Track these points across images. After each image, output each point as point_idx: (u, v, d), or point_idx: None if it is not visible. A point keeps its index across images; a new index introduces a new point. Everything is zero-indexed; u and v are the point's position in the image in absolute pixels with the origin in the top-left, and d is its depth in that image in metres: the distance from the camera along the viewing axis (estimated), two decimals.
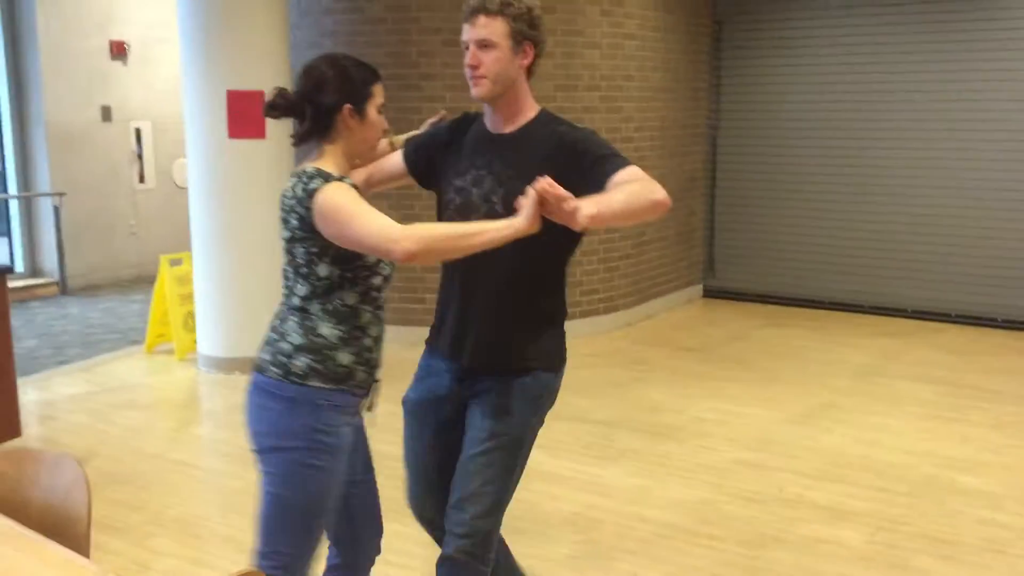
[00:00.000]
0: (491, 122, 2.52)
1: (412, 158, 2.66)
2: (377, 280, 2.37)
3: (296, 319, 2.34)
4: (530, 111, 2.50)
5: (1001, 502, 4.08)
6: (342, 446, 2.37)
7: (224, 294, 6.03)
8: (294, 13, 6.76)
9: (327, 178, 2.25)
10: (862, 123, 7.59)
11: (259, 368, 2.37)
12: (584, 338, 6.90)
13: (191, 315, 6.36)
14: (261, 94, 5.88)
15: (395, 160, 2.68)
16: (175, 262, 6.58)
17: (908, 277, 7.55)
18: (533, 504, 4.06)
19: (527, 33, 2.40)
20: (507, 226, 2.12)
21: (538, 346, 2.55)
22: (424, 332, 2.76)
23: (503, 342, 2.53)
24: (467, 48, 2.41)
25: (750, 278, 8.30)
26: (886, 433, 4.95)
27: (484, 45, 2.38)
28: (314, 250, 2.28)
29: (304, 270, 2.31)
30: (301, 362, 2.31)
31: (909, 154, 7.44)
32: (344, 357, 2.35)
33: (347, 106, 2.31)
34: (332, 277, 2.31)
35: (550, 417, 2.59)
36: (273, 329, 2.40)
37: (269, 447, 2.35)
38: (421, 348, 2.77)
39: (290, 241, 2.31)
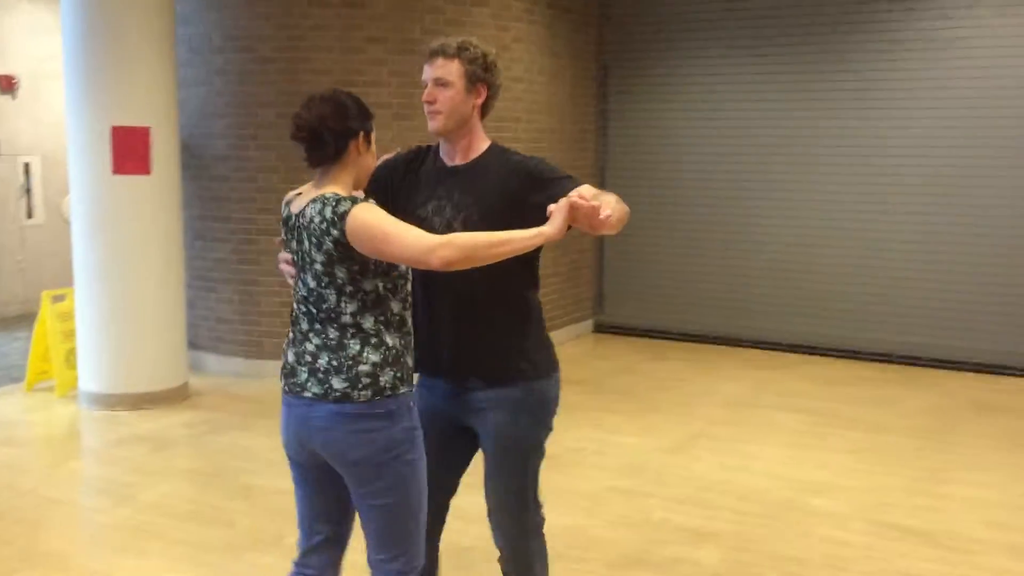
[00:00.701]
0: (447, 155, 2.72)
1: (371, 187, 2.76)
2: (409, 286, 2.53)
3: (358, 339, 2.42)
4: (483, 144, 2.72)
5: (847, 521, 4.33)
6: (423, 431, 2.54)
7: (106, 330, 6.00)
8: (183, 50, 6.80)
9: (354, 200, 2.38)
10: (740, 164, 7.97)
11: (338, 398, 2.41)
12: None
13: (73, 352, 6.29)
14: (147, 130, 5.92)
15: None
16: (58, 298, 6.50)
17: (781, 312, 7.92)
18: None
19: (481, 75, 2.62)
20: (536, 234, 2.33)
21: (524, 354, 2.72)
22: None
23: (487, 352, 2.68)
24: (426, 86, 2.63)
25: (638, 314, 8.57)
26: (750, 459, 5.19)
27: (440, 83, 2.60)
28: (355, 268, 2.39)
29: (349, 288, 2.41)
30: (387, 376, 2.42)
31: (780, 195, 7.83)
32: (409, 359, 2.51)
33: (362, 132, 2.47)
34: (378, 289, 2.43)
35: None
36: (332, 356, 2.42)
37: (379, 463, 2.44)
38: None
39: (328, 264, 2.40)
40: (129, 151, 5.86)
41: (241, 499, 4.58)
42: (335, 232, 2.35)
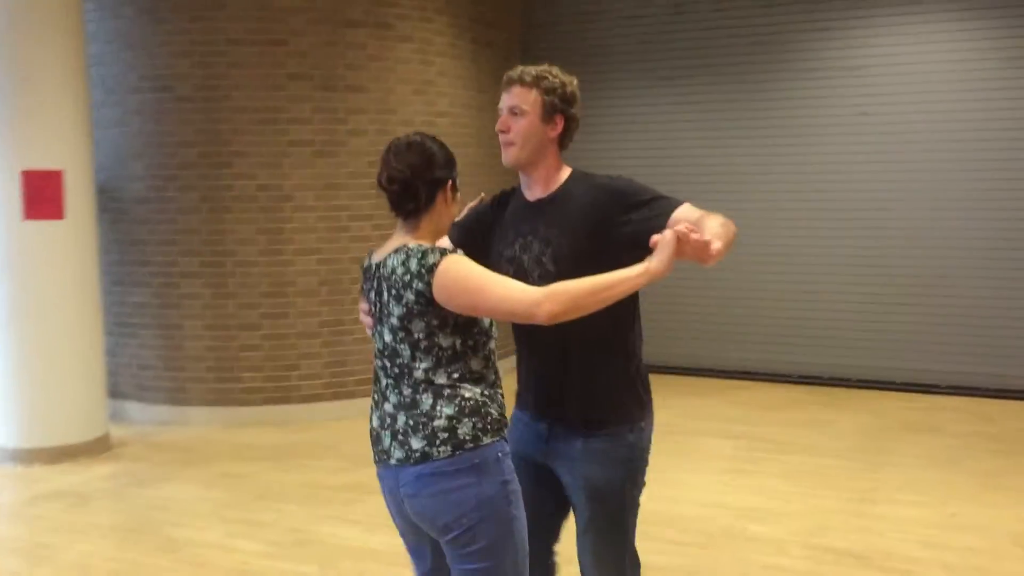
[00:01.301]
0: (527, 189, 2.61)
1: (460, 241, 2.67)
2: (492, 343, 2.39)
3: (430, 394, 2.29)
4: (562, 174, 2.60)
5: (786, 547, 4.32)
6: (519, 485, 2.38)
7: (19, 381, 5.76)
8: (98, 91, 6.63)
9: (443, 252, 2.26)
10: (666, 191, 8.02)
11: (418, 459, 2.27)
12: None
13: None
14: (59, 174, 5.74)
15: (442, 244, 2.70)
16: None
17: (710, 338, 7.97)
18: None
19: (558, 106, 2.52)
20: (643, 272, 2.19)
21: (615, 400, 2.55)
22: (242, 412, 2.72)
23: (585, 397, 2.54)
24: (501, 115, 2.54)
25: None
26: (686, 488, 5.17)
27: (515, 112, 2.50)
28: (435, 323, 2.27)
29: (424, 344, 2.29)
30: (466, 427, 2.27)
31: None
32: (494, 410, 2.34)
33: (450, 181, 2.38)
34: (456, 347, 2.30)
35: (344, 491, 2.58)
36: (407, 416, 2.30)
37: (474, 523, 2.27)
38: (238, 429, 2.78)
39: (406, 317, 2.28)
40: (40, 195, 5.67)
41: (166, 554, 4.40)
42: (419, 285, 2.24)
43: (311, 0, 6.55)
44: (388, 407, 2.34)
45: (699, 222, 2.33)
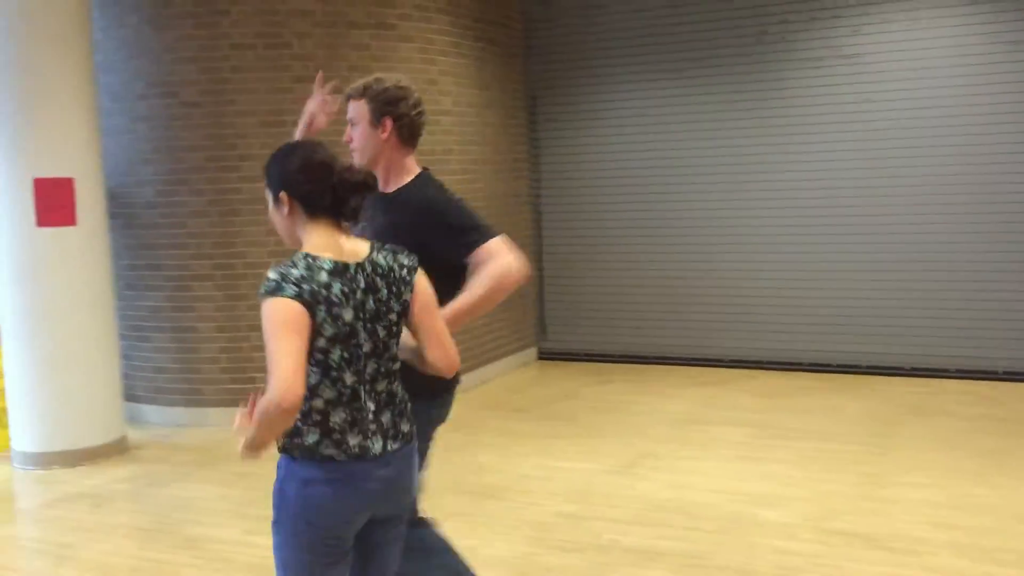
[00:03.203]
0: (380, 182, 2.83)
1: None
2: None
3: (397, 381, 2.41)
4: (407, 174, 2.89)
5: (795, 531, 4.38)
6: None
7: (36, 387, 5.84)
8: (105, 98, 6.71)
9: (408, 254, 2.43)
10: (671, 185, 8.09)
11: (409, 439, 2.40)
12: None
13: (3, 411, 6.11)
14: (70, 181, 5.82)
15: None
16: None
17: (722, 329, 8.02)
18: None
19: (383, 110, 2.82)
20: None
21: (414, 381, 2.66)
22: None
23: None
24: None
25: (580, 339, 8.61)
26: (697, 476, 5.22)
27: (352, 123, 2.88)
28: (403, 320, 2.39)
29: (396, 340, 2.38)
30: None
31: (712, 213, 7.96)
32: None
33: None
34: None
35: None
36: (392, 412, 2.35)
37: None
38: None
39: (401, 314, 2.35)
40: (53, 203, 5.75)
41: (186, 551, 4.48)
42: (412, 280, 2.36)
43: (314, 3, 6.63)
44: (370, 416, 2.29)
45: (478, 267, 2.72)
